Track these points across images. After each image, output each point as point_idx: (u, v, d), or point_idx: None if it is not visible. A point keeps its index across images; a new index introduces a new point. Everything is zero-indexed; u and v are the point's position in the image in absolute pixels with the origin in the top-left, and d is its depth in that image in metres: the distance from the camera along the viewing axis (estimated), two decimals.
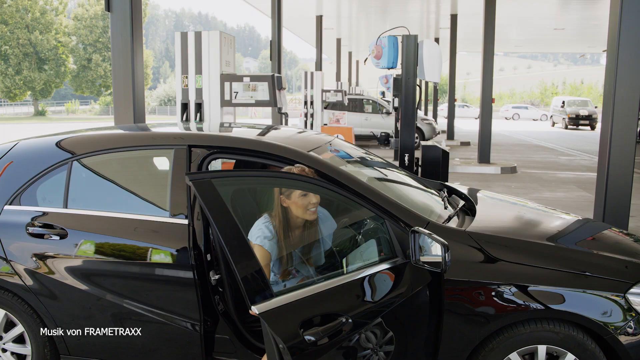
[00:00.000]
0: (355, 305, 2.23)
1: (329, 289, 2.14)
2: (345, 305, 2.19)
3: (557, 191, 9.89)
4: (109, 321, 2.80)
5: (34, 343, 2.90)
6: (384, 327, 2.34)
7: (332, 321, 2.05)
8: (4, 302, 2.90)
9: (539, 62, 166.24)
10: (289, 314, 1.98)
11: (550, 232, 3.05)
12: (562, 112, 31.54)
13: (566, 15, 20.69)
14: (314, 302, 2.07)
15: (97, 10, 52.19)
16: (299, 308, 2.01)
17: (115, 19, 6.03)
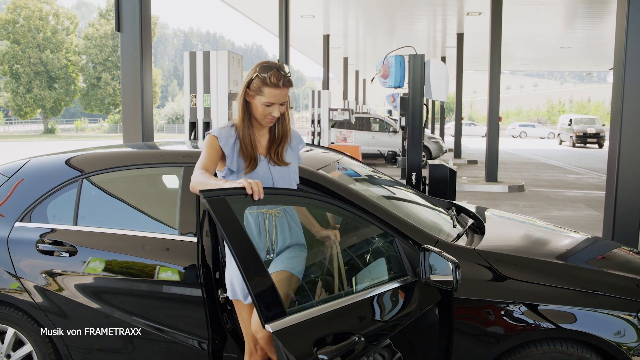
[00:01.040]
0: (366, 324, 2.21)
1: (341, 308, 2.12)
2: (357, 324, 2.18)
3: (565, 210, 9.84)
4: (117, 339, 2.79)
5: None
6: (392, 348, 2.32)
7: (345, 340, 2.04)
8: (13, 320, 2.91)
9: (545, 80, 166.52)
10: (303, 332, 1.95)
11: (560, 250, 3.03)
12: (570, 130, 31.47)
13: (572, 33, 20.77)
14: (327, 320, 2.05)
15: (107, 30, 52.88)
16: (312, 326, 1.99)
17: (125, 38, 6.11)
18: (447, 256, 2.27)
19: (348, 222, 2.76)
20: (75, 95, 55.06)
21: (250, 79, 2.39)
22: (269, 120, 2.44)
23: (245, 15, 18.23)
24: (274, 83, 2.36)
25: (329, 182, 2.69)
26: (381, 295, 2.32)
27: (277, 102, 2.39)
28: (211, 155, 2.41)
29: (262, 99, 2.38)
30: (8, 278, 2.90)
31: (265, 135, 2.52)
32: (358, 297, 2.25)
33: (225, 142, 2.43)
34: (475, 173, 15.21)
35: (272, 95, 2.37)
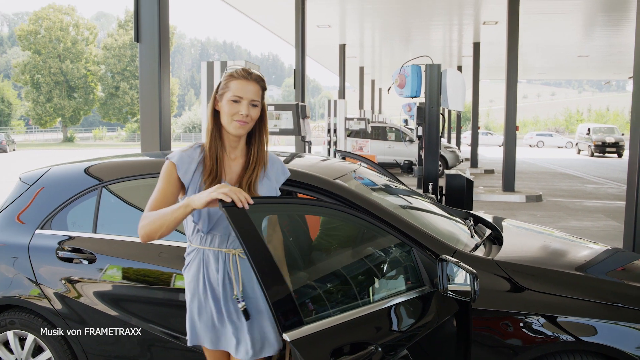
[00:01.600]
0: (384, 335, 2.20)
1: (358, 317, 2.11)
2: (375, 334, 2.16)
3: (584, 220, 9.73)
4: (135, 347, 2.81)
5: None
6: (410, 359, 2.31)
7: (362, 350, 2.03)
8: (33, 326, 2.94)
9: (563, 89, 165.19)
10: (320, 342, 1.94)
11: (579, 261, 3.00)
12: (588, 140, 31.15)
13: (590, 42, 20.62)
14: (344, 330, 2.04)
15: (126, 40, 53.63)
16: (329, 336, 1.98)
17: (143, 49, 6.18)
18: (465, 267, 2.26)
19: (365, 231, 2.76)
20: (94, 104, 55.87)
21: (219, 82, 2.12)
22: (237, 123, 2.05)
23: (262, 25, 18.38)
24: (241, 74, 2.07)
25: (347, 192, 2.69)
26: (398, 306, 2.31)
27: (245, 98, 2.05)
28: (165, 191, 2.05)
29: (229, 94, 2.06)
30: (28, 284, 2.94)
31: (239, 160, 2.14)
32: (375, 307, 2.24)
33: (186, 170, 2.06)
34: (492, 183, 15.10)
35: (239, 88, 2.05)
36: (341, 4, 14.90)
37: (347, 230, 2.75)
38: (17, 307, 2.98)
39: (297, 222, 2.95)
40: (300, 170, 2.81)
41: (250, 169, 2.12)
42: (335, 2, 14.61)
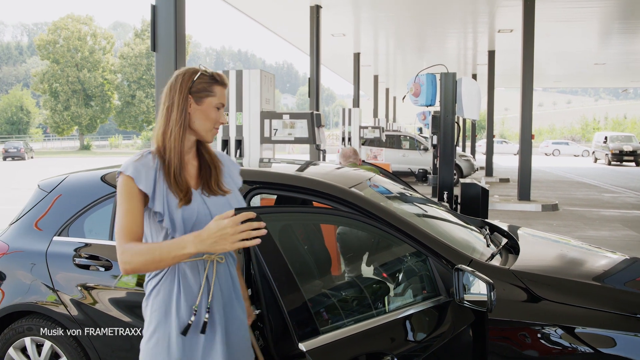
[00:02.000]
0: (399, 345, 2.19)
1: (373, 327, 2.10)
2: (390, 344, 2.16)
3: (601, 230, 9.61)
4: None
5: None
6: None
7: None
8: (50, 333, 2.96)
9: (579, 97, 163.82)
10: (336, 352, 1.94)
11: (597, 271, 2.96)
12: (605, 148, 30.82)
13: (607, 49, 20.45)
14: (360, 339, 2.04)
15: (142, 49, 54.23)
16: (345, 346, 1.97)
17: (160, 58, 6.26)
18: (482, 276, 2.24)
19: (379, 239, 2.75)
20: (110, 112, 56.52)
21: (191, 80, 1.94)
22: (216, 130, 1.98)
23: (277, 34, 18.49)
24: (223, 80, 1.99)
25: (362, 201, 2.68)
26: (414, 315, 2.30)
27: (225, 104, 2.00)
28: (133, 210, 1.82)
29: (214, 100, 1.95)
30: (45, 291, 2.97)
31: (192, 162, 1.99)
32: (390, 317, 2.23)
33: (146, 180, 1.85)
34: (507, 191, 14.99)
35: (223, 94, 1.97)
36: (355, 12, 14.95)
37: (360, 239, 2.74)
38: (35, 314, 3.01)
39: (312, 231, 2.95)
40: (315, 179, 2.81)
41: (213, 168, 2.00)
42: (349, 11, 14.66)
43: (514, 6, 12.99)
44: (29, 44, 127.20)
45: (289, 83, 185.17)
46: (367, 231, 2.58)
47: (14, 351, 3.03)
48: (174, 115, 1.91)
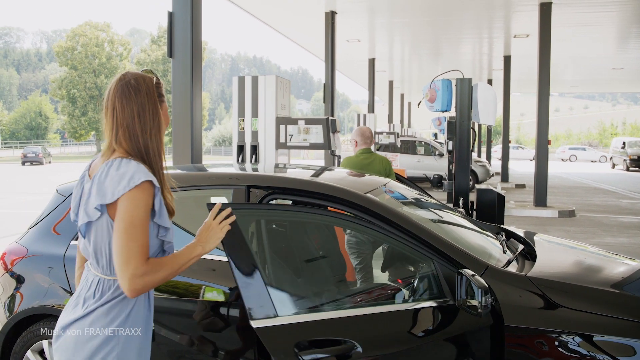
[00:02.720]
0: (376, 337, 2.30)
1: (348, 317, 2.31)
2: (363, 335, 2.26)
3: (619, 236, 9.48)
4: (164, 358, 2.83)
5: None
6: None
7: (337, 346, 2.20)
8: None
9: (596, 102, 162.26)
10: (287, 333, 2.15)
11: (615, 278, 2.92)
12: (623, 154, 30.47)
13: (625, 54, 20.24)
14: (323, 326, 2.23)
15: (158, 55, 54.77)
16: (300, 329, 2.16)
17: (176, 64, 6.32)
18: (478, 280, 2.27)
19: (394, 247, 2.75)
20: None
21: (155, 85, 1.93)
22: None
23: (292, 39, 18.56)
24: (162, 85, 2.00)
25: (378, 206, 2.68)
26: (406, 312, 2.38)
27: None
28: (148, 219, 1.79)
29: (165, 103, 1.98)
30: (63, 294, 3.00)
31: None
32: (381, 310, 2.39)
33: (158, 194, 1.85)
34: (523, 197, 14.86)
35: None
36: (370, 18, 14.97)
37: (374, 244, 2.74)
38: (52, 317, 3.04)
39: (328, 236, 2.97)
40: (331, 184, 2.81)
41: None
42: (364, 16, 14.68)
43: (530, 11, 12.93)
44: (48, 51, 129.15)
45: (304, 89, 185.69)
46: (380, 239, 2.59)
47: (32, 354, 3.07)
48: (154, 123, 1.92)
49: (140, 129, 1.86)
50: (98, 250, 1.84)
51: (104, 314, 1.81)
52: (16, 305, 3.10)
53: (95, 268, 1.87)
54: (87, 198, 1.83)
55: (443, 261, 2.51)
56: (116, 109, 1.85)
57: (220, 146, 62.25)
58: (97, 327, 1.80)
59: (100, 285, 1.84)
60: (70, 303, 1.88)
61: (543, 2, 12.12)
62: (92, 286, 1.85)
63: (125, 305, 1.84)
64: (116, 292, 1.83)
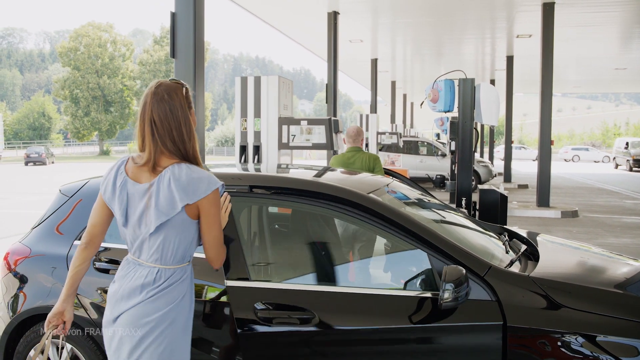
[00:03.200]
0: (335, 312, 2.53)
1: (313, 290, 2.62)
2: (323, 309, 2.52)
3: (622, 237, 9.46)
4: None
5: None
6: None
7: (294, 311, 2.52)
8: (70, 336, 2.99)
9: (599, 102, 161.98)
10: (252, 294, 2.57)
11: (618, 278, 2.91)
12: (626, 154, 30.40)
13: (628, 54, 20.20)
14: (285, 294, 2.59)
15: (161, 56, 54.83)
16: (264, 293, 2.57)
17: (179, 64, 6.32)
18: (450, 274, 2.33)
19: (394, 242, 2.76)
20: (130, 118, 57.16)
21: (187, 96, 2.18)
22: None
23: (294, 40, 18.57)
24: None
25: (380, 206, 2.68)
26: (372, 296, 2.54)
27: None
28: None
29: (192, 112, 2.25)
30: None
31: None
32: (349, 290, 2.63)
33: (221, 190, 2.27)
34: (526, 198, 14.84)
35: None
36: (373, 18, 14.96)
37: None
38: None
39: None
40: (333, 185, 2.82)
41: None
42: (367, 17, 14.68)
43: (533, 11, 12.91)
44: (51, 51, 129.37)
45: (306, 89, 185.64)
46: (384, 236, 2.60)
47: (34, 353, 3.07)
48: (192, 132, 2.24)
49: (185, 136, 2.13)
50: (166, 244, 2.14)
51: (165, 296, 2.14)
52: (19, 305, 3.11)
53: (154, 260, 2.16)
54: (157, 200, 2.09)
55: (445, 261, 2.51)
56: (155, 120, 2.08)
57: (223, 146, 62.30)
58: (158, 307, 2.13)
59: (160, 273, 2.15)
60: (119, 295, 2.17)
61: (546, 2, 12.10)
62: (150, 275, 2.15)
63: (182, 289, 2.19)
64: (174, 278, 2.17)
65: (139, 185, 2.13)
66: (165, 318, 2.14)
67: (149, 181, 2.12)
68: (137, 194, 2.13)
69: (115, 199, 2.15)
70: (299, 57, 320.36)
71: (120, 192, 2.14)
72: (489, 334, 2.40)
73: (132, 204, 2.14)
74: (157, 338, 2.12)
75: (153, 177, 2.11)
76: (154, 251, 2.15)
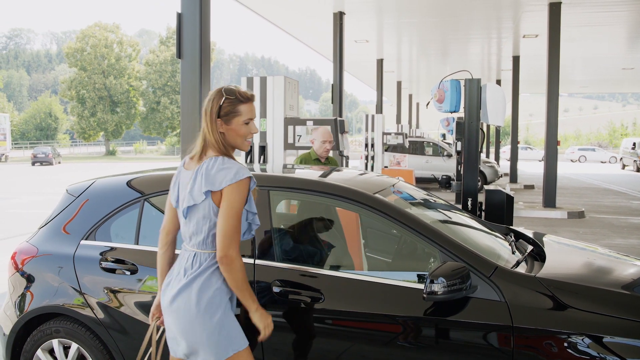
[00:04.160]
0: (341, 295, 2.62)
1: (325, 274, 2.71)
2: (335, 294, 2.62)
3: (630, 238, 9.42)
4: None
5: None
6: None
7: (305, 290, 2.63)
8: (76, 335, 3.01)
9: (606, 102, 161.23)
10: (274, 272, 2.71)
11: (625, 279, 2.90)
12: (633, 154, 30.24)
13: (635, 54, 20.09)
14: (299, 274, 2.70)
15: (167, 56, 54.94)
16: (282, 272, 2.71)
17: (185, 65, 6.34)
18: (445, 270, 2.37)
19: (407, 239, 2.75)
20: (136, 118, 57.33)
21: (218, 105, 2.31)
22: (249, 142, 2.41)
23: (300, 40, 18.57)
24: (246, 97, 2.35)
25: (386, 207, 2.69)
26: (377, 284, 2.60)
27: (254, 117, 2.40)
28: (243, 208, 2.32)
29: (241, 118, 2.33)
30: (73, 293, 3.02)
31: None
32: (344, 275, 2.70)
33: (252, 185, 2.36)
34: (532, 198, 14.79)
35: (248, 110, 2.34)
36: (378, 19, 14.95)
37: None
38: (62, 316, 3.07)
39: None
40: (339, 185, 2.82)
41: None
42: (372, 17, 14.67)
43: (539, 11, 12.86)
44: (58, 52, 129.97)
45: (312, 89, 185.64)
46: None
47: (42, 352, 3.09)
48: (213, 135, 2.31)
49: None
50: (198, 229, 2.30)
51: (202, 279, 2.29)
52: (26, 304, 3.13)
53: (192, 245, 2.34)
54: (192, 186, 2.29)
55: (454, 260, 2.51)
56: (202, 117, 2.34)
57: None
58: (200, 288, 2.27)
59: (197, 257, 2.32)
60: (175, 277, 2.35)
61: (552, 2, 12.06)
62: (190, 259, 2.33)
63: (219, 273, 2.31)
64: (211, 262, 2.31)
65: (186, 172, 2.38)
66: (205, 299, 2.26)
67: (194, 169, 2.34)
68: (184, 181, 2.37)
69: (172, 187, 2.43)
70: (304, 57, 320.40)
71: (175, 180, 2.42)
72: (496, 333, 2.40)
73: (181, 191, 2.37)
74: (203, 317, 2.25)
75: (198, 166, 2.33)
76: (191, 235, 2.34)
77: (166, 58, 55.02)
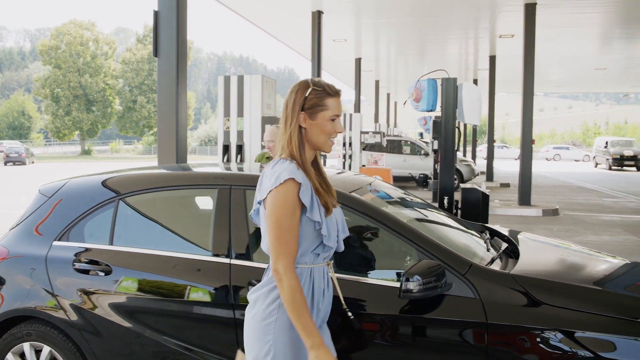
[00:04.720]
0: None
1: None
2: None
3: (602, 234, 9.60)
4: (149, 359, 2.82)
5: None
6: None
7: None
8: (49, 338, 2.96)
9: (580, 102, 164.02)
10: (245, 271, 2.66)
11: (597, 275, 2.95)
12: (606, 153, 30.83)
13: (608, 54, 20.47)
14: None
15: (144, 55, 54.36)
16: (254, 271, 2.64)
17: (162, 63, 6.28)
18: (420, 267, 2.36)
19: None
20: (112, 117, 56.60)
21: (304, 97, 2.03)
22: (331, 141, 2.10)
23: (278, 39, 18.53)
24: (335, 91, 2.07)
25: (363, 206, 2.69)
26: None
27: (340, 115, 2.09)
28: (296, 224, 1.97)
29: (327, 113, 2.04)
30: (45, 295, 2.97)
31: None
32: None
33: (305, 190, 1.99)
34: (507, 196, 14.98)
35: (336, 105, 2.06)
36: (357, 18, 14.99)
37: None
38: (34, 319, 3.01)
39: None
40: None
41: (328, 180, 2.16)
42: (351, 16, 14.70)
43: (515, 11, 13.02)
44: (32, 50, 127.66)
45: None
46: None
47: (12, 357, 3.03)
48: (290, 129, 2.03)
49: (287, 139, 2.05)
50: (265, 240, 2.06)
51: (268, 290, 2.05)
52: None
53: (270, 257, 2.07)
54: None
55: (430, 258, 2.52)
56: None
57: (206, 146, 61.96)
58: (266, 301, 2.03)
59: (266, 271, 2.13)
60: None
61: (528, 3, 12.22)
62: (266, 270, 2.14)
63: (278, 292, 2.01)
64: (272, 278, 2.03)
65: None
66: (269, 313, 2.02)
67: None
68: None
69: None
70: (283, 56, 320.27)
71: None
72: (471, 330, 2.42)
73: None
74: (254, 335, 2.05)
75: None
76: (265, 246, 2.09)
77: (143, 56, 54.42)
